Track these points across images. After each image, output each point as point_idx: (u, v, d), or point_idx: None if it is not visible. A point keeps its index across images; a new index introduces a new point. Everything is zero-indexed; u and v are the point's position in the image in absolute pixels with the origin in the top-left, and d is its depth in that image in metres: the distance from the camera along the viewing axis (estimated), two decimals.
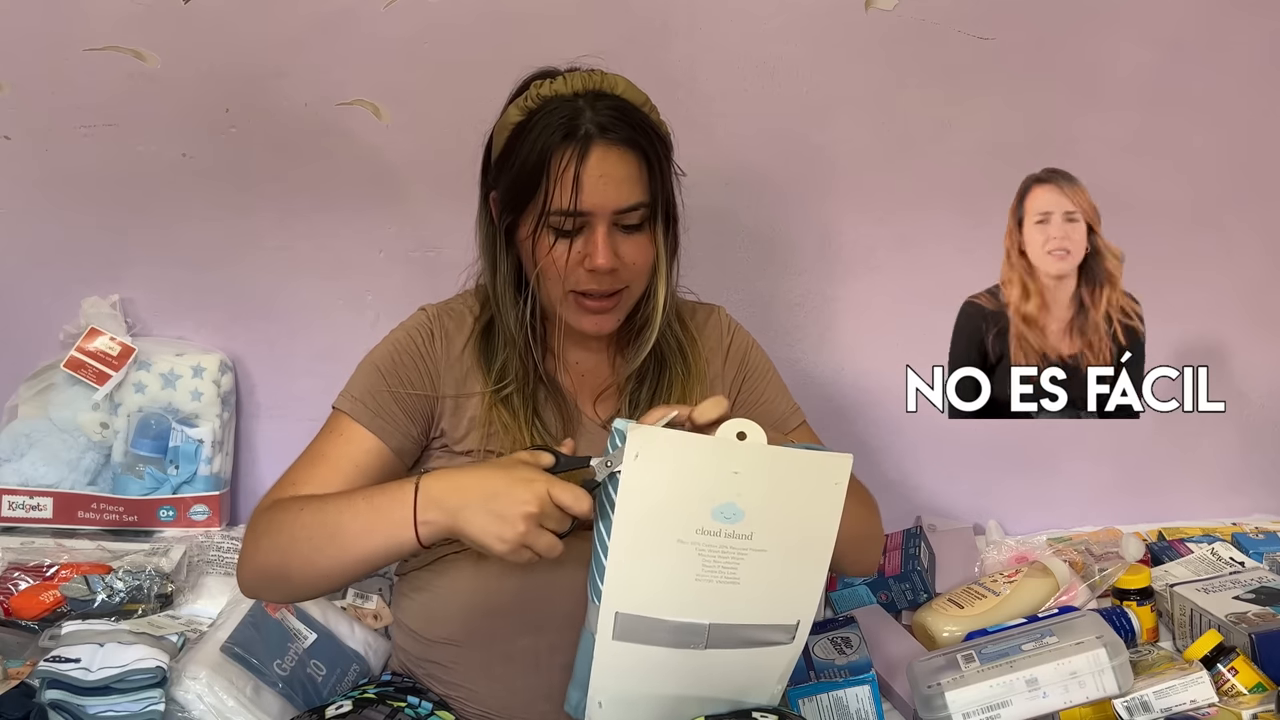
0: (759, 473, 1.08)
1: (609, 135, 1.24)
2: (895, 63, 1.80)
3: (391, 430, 1.29)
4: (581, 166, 1.23)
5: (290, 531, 1.19)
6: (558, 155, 1.23)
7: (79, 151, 1.79)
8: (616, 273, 1.27)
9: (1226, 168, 1.87)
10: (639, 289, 1.32)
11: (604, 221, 1.25)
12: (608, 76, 1.29)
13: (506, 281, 1.33)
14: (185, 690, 1.39)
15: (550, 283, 1.29)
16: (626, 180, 1.25)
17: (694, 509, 1.08)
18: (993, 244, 1.87)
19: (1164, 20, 1.81)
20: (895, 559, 1.76)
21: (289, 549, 1.19)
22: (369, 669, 1.56)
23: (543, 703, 1.26)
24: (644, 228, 1.28)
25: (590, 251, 1.25)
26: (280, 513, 1.21)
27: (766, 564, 1.10)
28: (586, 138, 1.23)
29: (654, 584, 1.10)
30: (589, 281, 1.27)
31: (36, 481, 1.75)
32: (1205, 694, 1.37)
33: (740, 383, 1.43)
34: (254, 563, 1.22)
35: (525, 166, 1.25)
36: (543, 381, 1.34)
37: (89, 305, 1.81)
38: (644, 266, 1.30)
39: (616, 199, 1.24)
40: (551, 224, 1.25)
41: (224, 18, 1.75)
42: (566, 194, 1.23)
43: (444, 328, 1.36)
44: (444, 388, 1.32)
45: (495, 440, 1.30)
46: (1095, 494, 1.94)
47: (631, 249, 1.27)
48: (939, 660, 1.44)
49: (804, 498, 1.10)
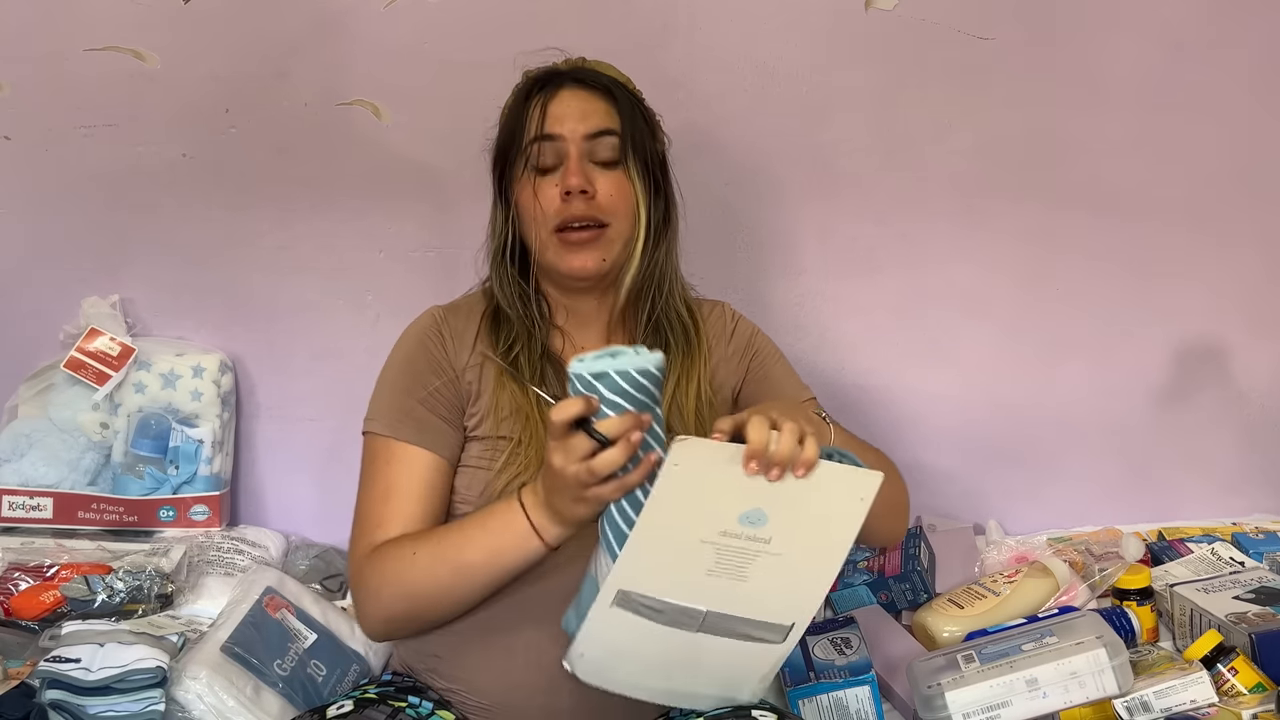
0: (792, 484, 1.08)
1: (579, 77, 1.36)
2: (895, 63, 1.80)
3: (440, 440, 1.32)
4: (551, 99, 1.34)
5: (410, 577, 1.23)
6: (533, 99, 1.35)
7: (79, 151, 1.79)
8: (593, 200, 1.32)
9: (1226, 168, 1.87)
10: (621, 231, 1.35)
11: (575, 146, 1.33)
12: (591, 60, 1.41)
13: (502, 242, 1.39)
14: (185, 690, 1.39)
15: (535, 225, 1.34)
16: (594, 111, 1.34)
17: (723, 514, 1.09)
18: (992, 243, 1.88)
19: (1164, 20, 1.81)
20: (895, 559, 1.76)
21: (415, 594, 1.24)
22: (369, 669, 1.56)
23: (543, 695, 1.27)
24: (619, 165, 1.34)
25: (564, 176, 1.32)
26: (391, 561, 1.24)
27: (778, 566, 1.11)
28: (558, 83, 1.35)
29: (666, 573, 1.11)
30: (566, 209, 1.32)
31: (36, 482, 1.75)
32: (1205, 694, 1.37)
33: (748, 363, 1.46)
34: (381, 614, 1.27)
35: (507, 122, 1.37)
36: (547, 357, 1.37)
37: (89, 305, 1.81)
38: (622, 203, 1.34)
39: (585, 124, 1.33)
40: (530, 162, 1.33)
41: (224, 18, 1.75)
42: (535, 123, 1.33)
43: (452, 326, 1.38)
44: (464, 378, 1.35)
45: (506, 425, 1.32)
46: (1095, 494, 1.94)
47: (606, 183, 1.34)
48: (939, 660, 1.44)
49: (828, 509, 1.11)
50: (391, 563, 1.24)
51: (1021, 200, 1.86)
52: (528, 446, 1.30)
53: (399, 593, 1.24)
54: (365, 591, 1.27)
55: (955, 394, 1.91)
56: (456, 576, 1.22)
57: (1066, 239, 1.87)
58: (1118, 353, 1.91)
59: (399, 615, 1.26)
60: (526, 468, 1.29)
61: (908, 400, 1.91)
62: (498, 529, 1.20)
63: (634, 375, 1.08)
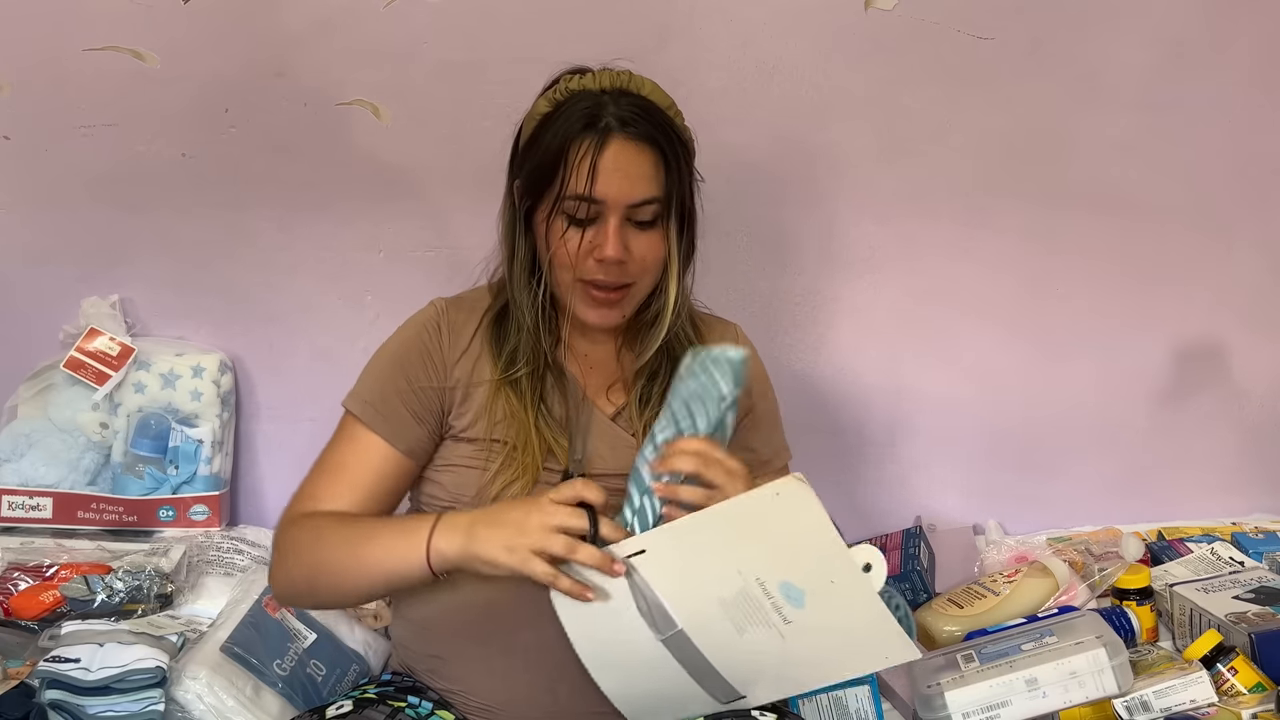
0: (849, 595, 1.07)
1: (629, 129, 1.27)
2: (895, 63, 1.80)
3: (400, 433, 1.32)
4: (599, 155, 1.26)
5: (314, 552, 1.25)
6: (577, 143, 1.26)
7: (79, 151, 1.79)
8: (624, 266, 1.29)
9: (1226, 168, 1.87)
10: (646, 286, 1.34)
11: (616, 214, 1.27)
12: (636, 77, 1.32)
13: (523, 266, 1.35)
14: (185, 690, 1.39)
15: (561, 270, 1.31)
16: (642, 175, 1.27)
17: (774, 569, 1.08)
18: (992, 243, 1.88)
19: (1164, 20, 1.81)
20: (895, 559, 1.76)
21: (314, 570, 1.26)
22: (369, 669, 1.56)
23: (544, 696, 1.27)
24: (656, 224, 1.30)
25: (600, 242, 1.27)
26: (305, 532, 1.27)
27: (775, 647, 1.11)
28: (606, 129, 1.26)
29: (680, 576, 1.11)
30: (597, 272, 1.29)
31: (36, 481, 1.75)
32: (1205, 694, 1.37)
33: (748, 408, 1.42)
34: (283, 578, 1.30)
35: (547, 153, 1.28)
36: (550, 369, 1.36)
37: (89, 305, 1.81)
38: (653, 263, 1.32)
39: (630, 192, 1.27)
40: (566, 210, 1.28)
41: (224, 18, 1.75)
42: (582, 180, 1.26)
43: (451, 320, 1.37)
44: (453, 378, 1.34)
45: (500, 428, 1.31)
46: (1095, 494, 1.94)
47: (642, 245, 1.29)
48: (939, 660, 1.44)
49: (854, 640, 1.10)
50: (305, 534, 1.27)
51: (1021, 200, 1.86)
52: (523, 452, 1.29)
53: (301, 563, 1.26)
54: (277, 554, 1.30)
55: (955, 394, 1.91)
56: (352, 565, 1.23)
57: (1066, 239, 1.87)
58: (1118, 352, 1.91)
59: (300, 585, 1.29)
60: (522, 473, 1.28)
61: (908, 400, 1.91)
62: (402, 533, 1.21)
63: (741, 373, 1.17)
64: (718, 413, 1.18)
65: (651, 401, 1.35)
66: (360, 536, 1.24)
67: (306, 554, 1.26)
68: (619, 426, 1.36)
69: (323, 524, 1.27)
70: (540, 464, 1.29)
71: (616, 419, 1.36)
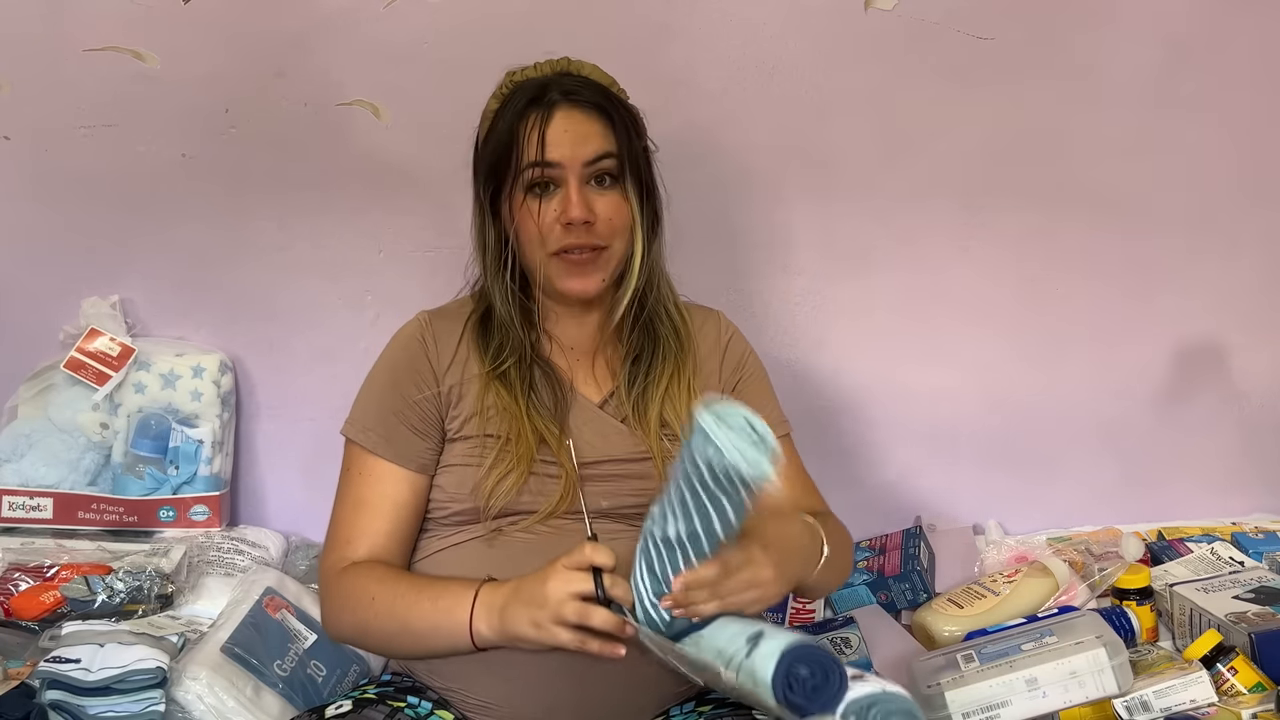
0: None
1: (572, 98, 1.33)
2: (895, 63, 1.80)
3: (406, 453, 1.35)
4: (547, 124, 1.31)
5: (365, 616, 1.29)
6: (525, 120, 1.32)
7: (79, 151, 1.79)
8: (593, 227, 1.32)
9: (1227, 168, 1.87)
10: (619, 250, 1.36)
11: (574, 174, 1.31)
12: (575, 61, 1.38)
13: (495, 257, 1.39)
14: (185, 691, 1.39)
15: (533, 246, 1.34)
16: (592, 133, 1.32)
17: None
18: (992, 243, 1.88)
19: (1164, 20, 1.81)
20: (895, 559, 1.76)
21: (366, 632, 1.31)
22: (369, 669, 1.56)
23: (543, 693, 1.27)
24: (615, 185, 1.34)
25: (565, 205, 1.31)
26: (353, 595, 1.31)
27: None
28: (551, 103, 1.32)
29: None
30: (566, 237, 1.32)
31: (36, 482, 1.75)
32: (1205, 694, 1.37)
33: (735, 384, 1.45)
34: (337, 631, 1.36)
35: (500, 138, 1.34)
36: (537, 362, 1.38)
37: (89, 305, 1.81)
38: (620, 224, 1.35)
39: (583, 149, 1.31)
40: (526, 183, 1.32)
41: (224, 18, 1.75)
42: (534, 148, 1.31)
43: (436, 330, 1.40)
44: (445, 384, 1.36)
45: (493, 423, 1.33)
46: (1095, 494, 1.94)
47: (605, 205, 1.33)
48: (939, 660, 1.44)
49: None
50: (353, 596, 1.30)
51: (1021, 200, 1.86)
52: (516, 444, 1.31)
53: (354, 622, 1.31)
54: (329, 606, 1.35)
55: (955, 394, 1.91)
56: (402, 634, 1.27)
57: (1066, 239, 1.87)
58: (1117, 352, 1.91)
59: (352, 639, 1.36)
60: (515, 465, 1.30)
61: (907, 400, 1.91)
62: (444, 608, 1.24)
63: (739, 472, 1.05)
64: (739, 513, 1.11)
65: (637, 382, 1.38)
66: (404, 607, 1.26)
67: (355, 615, 1.30)
68: (607, 414, 1.38)
69: (367, 590, 1.29)
70: (533, 454, 1.31)
71: (604, 406, 1.39)
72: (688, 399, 1.38)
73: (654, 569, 1.13)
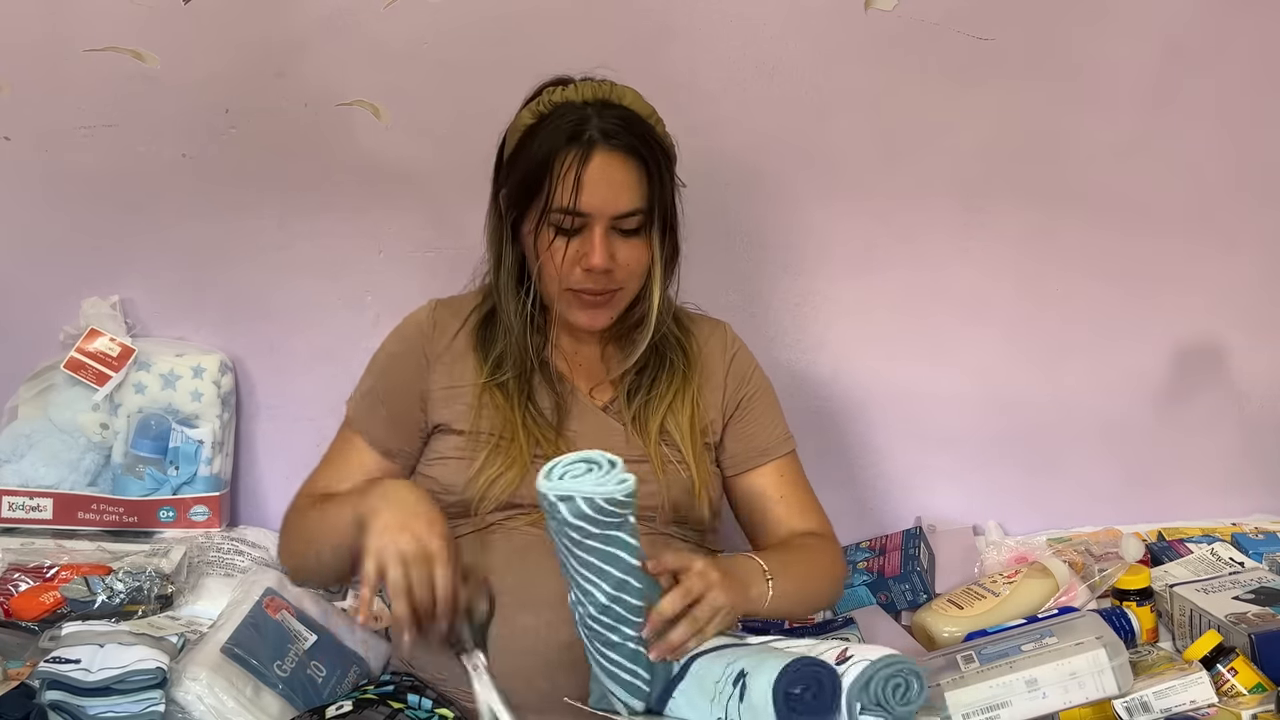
0: None
1: (612, 141, 1.30)
2: (895, 63, 1.80)
3: (376, 436, 1.40)
4: (583, 169, 1.28)
5: (300, 529, 1.38)
6: (562, 156, 1.29)
7: (79, 152, 1.79)
8: (611, 273, 1.33)
9: (1226, 168, 1.87)
10: (633, 290, 1.37)
11: (601, 224, 1.30)
12: (617, 87, 1.35)
13: (510, 274, 1.39)
14: (185, 691, 1.39)
15: (548, 278, 1.35)
16: (626, 186, 1.30)
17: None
18: (992, 243, 1.88)
19: (1164, 20, 1.81)
20: (895, 559, 1.76)
21: (304, 544, 1.37)
22: (369, 670, 1.56)
23: (541, 681, 1.27)
24: (641, 232, 1.34)
25: (587, 251, 1.31)
26: (296, 513, 1.40)
27: None
28: (590, 142, 1.29)
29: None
30: (584, 280, 1.33)
31: (36, 482, 1.75)
32: (1205, 694, 1.37)
33: (739, 400, 1.46)
34: (285, 558, 1.45)
35: (532, 165, 1.32)
36: (538, 369, 1.40)
37: (89, 306, 1.81)
38: (638, 269, 1.35)
39: (615, 203, 1.30)
40: (552, 221, 1.31)
41: (224, 18, 1.75)
42: (568, 193, 1.29)
43: (439, 320, 1.43)
44: (435, 380, 1.39)
45: (486, 420, 1.36)
46: (1095, 494, 1.94)
47: (627, 252, 1.33)
48: (939, 661, 1.44)
49: None
50: (295, 514, 1.40)
51: (1021, 200, 1.85)
52: (510, 443, 1.32)
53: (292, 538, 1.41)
54: (280, 535, 1.45)
55: (955, 394, 1.91)
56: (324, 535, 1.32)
57: (1066, 239, 1.87)
58: (1117, 352, 1.91)
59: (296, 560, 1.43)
60: (510, 465, 1.31)
61: (907, 400, 1.91)
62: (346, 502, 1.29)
63: (599, 504, 1.09)
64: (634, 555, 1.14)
65: (639, 394, 1.40)
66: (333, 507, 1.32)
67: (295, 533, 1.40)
68: (609, 416, 1.40)
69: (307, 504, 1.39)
70: (530, 453, 1.33)
71: (606, 410, 1.41)
72: (690, 412, 1.40)
73: (610, 642, 1.15)
